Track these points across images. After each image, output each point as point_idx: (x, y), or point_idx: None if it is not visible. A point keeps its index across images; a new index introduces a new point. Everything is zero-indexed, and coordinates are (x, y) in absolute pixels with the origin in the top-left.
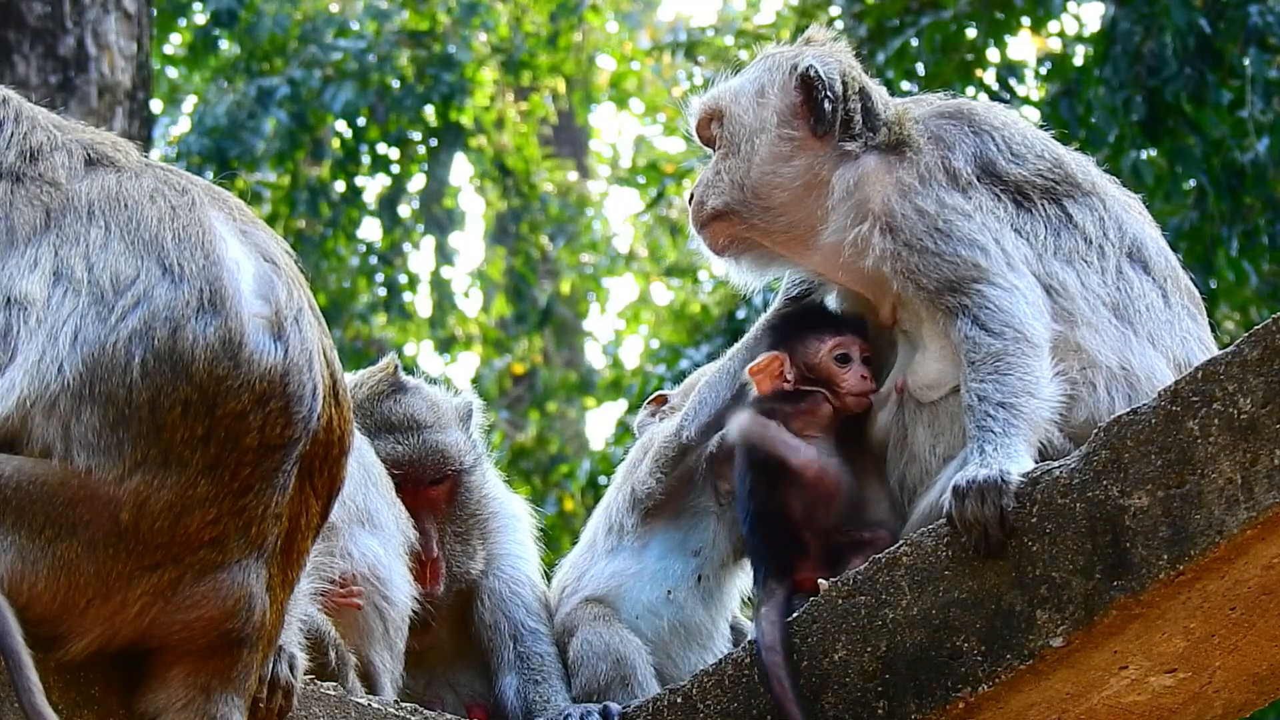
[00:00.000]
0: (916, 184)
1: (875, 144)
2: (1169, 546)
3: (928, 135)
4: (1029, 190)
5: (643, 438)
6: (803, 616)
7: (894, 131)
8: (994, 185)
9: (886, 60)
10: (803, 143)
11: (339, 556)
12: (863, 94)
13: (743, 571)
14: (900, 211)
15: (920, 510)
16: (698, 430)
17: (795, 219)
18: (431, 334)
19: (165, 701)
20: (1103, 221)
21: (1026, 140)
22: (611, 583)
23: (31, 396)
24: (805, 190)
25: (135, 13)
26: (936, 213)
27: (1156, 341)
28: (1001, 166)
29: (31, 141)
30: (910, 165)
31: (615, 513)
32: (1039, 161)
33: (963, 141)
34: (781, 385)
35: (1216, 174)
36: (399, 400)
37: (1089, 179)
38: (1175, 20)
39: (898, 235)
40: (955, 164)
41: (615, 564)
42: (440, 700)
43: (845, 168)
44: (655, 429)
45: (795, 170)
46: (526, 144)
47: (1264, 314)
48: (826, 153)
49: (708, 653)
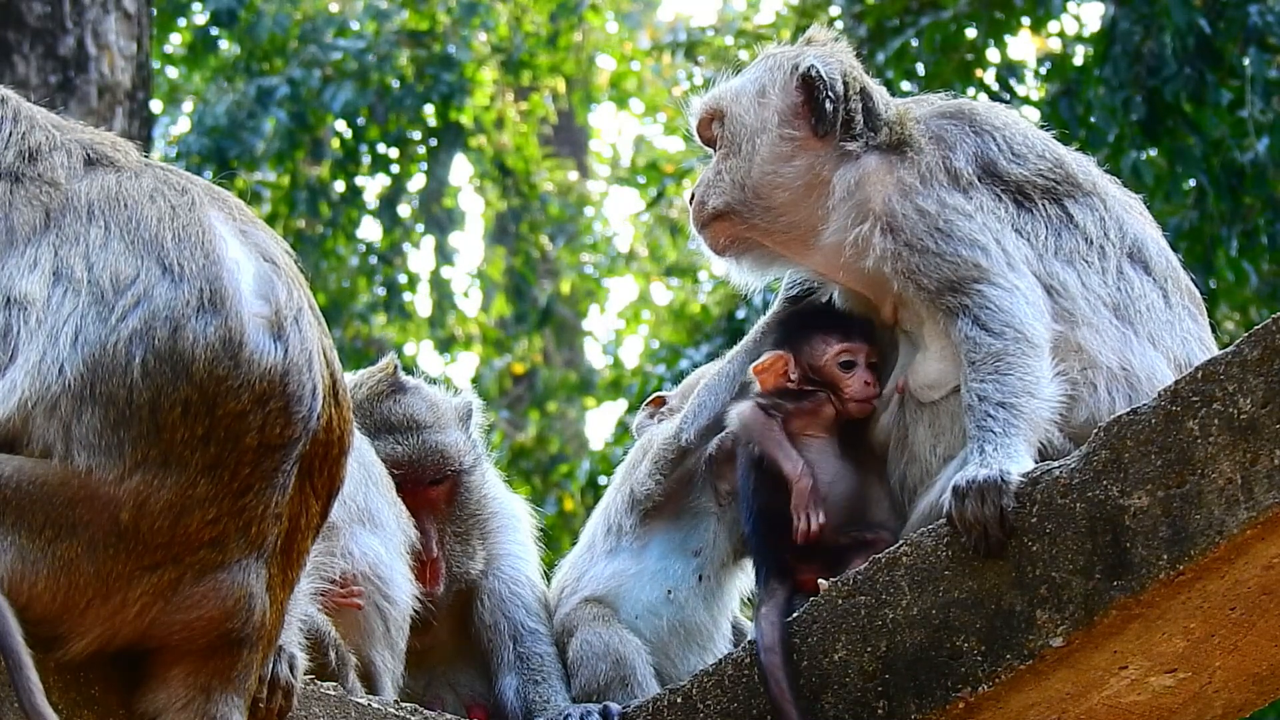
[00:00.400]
0: (918, 184)
1: (876, 144)
2: (1169, 546)
3: (929, 135)
4: (1030, 190)
5: (641, 439)
6: (803, 616)
7: (895, 132)
8: (995, 185)
9: (886, 60)
10: (804, 143)
11: (339, 556)
12: (864, 94)
13: (743, 571)
14: (901, 211)
15: (920, 510)
16: (697, 433)
17: (796, 219)
18: (431, 334)
19: (165, 701)
20: (1104, 222)
21: (1028, 140)
22: (611, 583)
23: (33, 398)
24: (806, 190)
25: (135, 13)
26: (937, 212)
27: (1157, 342)
28: (1002, 166)
29: (30, 141)
30: (911, 165)
31: (614, 514)
32: (1040, 161)
33: (964, 141)
34: (784, 385)
35: (1216, 174)
36: (399, 400)
37: (1090, 179)
38: (1175, 20)
39: (899, 235)
40: (956, 164)
41: (615, 565)
42: (440, 700)
43: (846, 168)
44: (654, 430)
45: (796, 170)
46: (526, 144)
47: (1264, 314)
48: (828, 153)
49: (707, 653)
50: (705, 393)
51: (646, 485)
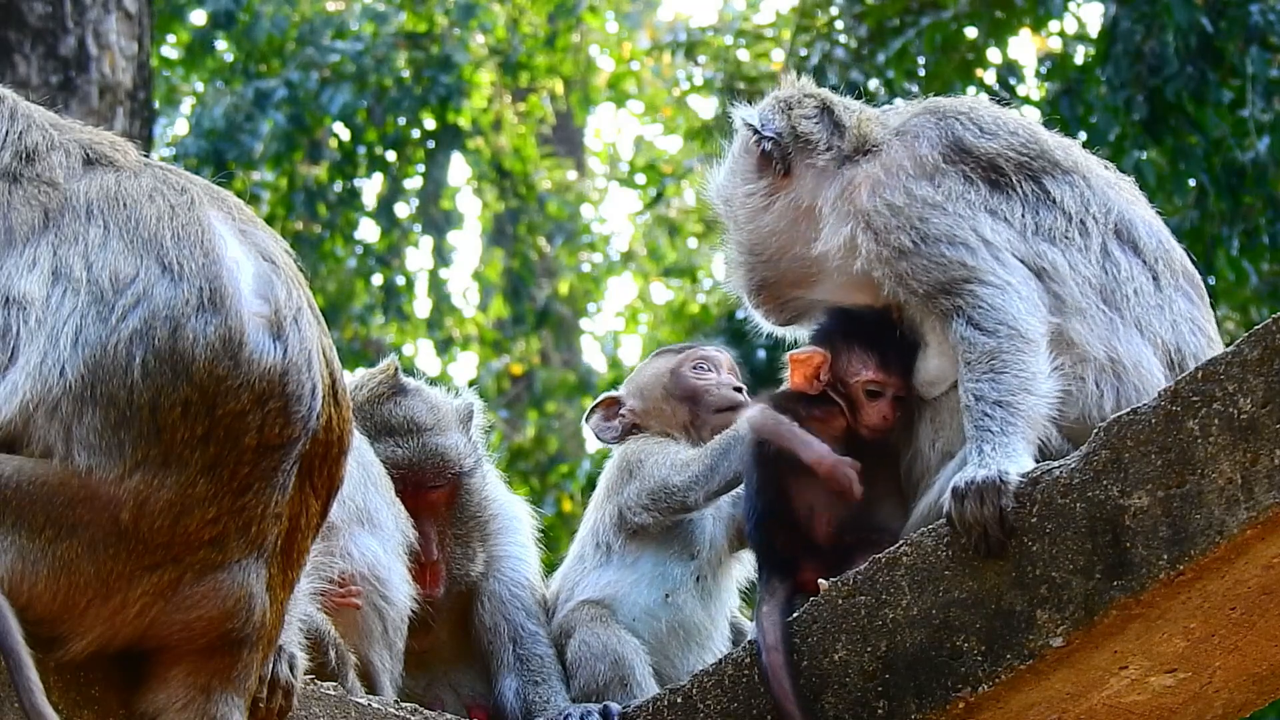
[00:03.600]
0: (882, 176)
1: (846, 153)
2: (1169, 546)
3: (897, 133)
4: (1003, 165)
5: (625, 453)
6: (803, 616)
7: (860, 134)
8: (965, 163)
9: (886, 60)
10: (774, 185)
11: (339, 556)
12: (823, 110)
13: (740, 563)
14: (873, 207)
15: (920, 510)
16: (706, 497)
17: (797, 252)
18: (429, 335)
19: (165, 701)
20: (1085, 198)
21: (997, 119)
22: (608, 590)
23: (34, 399)
24: (793, 224)
25: (136, 13)
26: (906, 205)
27: (1144, 328)
28: (970, 142)
29: (28, 141)
30: (876, 161)
31: (603, 532)
32: (1012, 137)
33: (928, 130)
34: (811, 386)
35: (1217, 173)
36: (399, 403)
37: (1070, 158)
38: (1176, 19)
39: (878, 235)
40: (920, 151)
41: (609, 574)
42: (440, 701)
43: (825, 185)
44: (654, 457)
45: (776, 213)
46: (524, 145)
47: (1264, 314)
48: (801, 182)
49: (707, 652)
50: (718, 457)
51: (641, 517)
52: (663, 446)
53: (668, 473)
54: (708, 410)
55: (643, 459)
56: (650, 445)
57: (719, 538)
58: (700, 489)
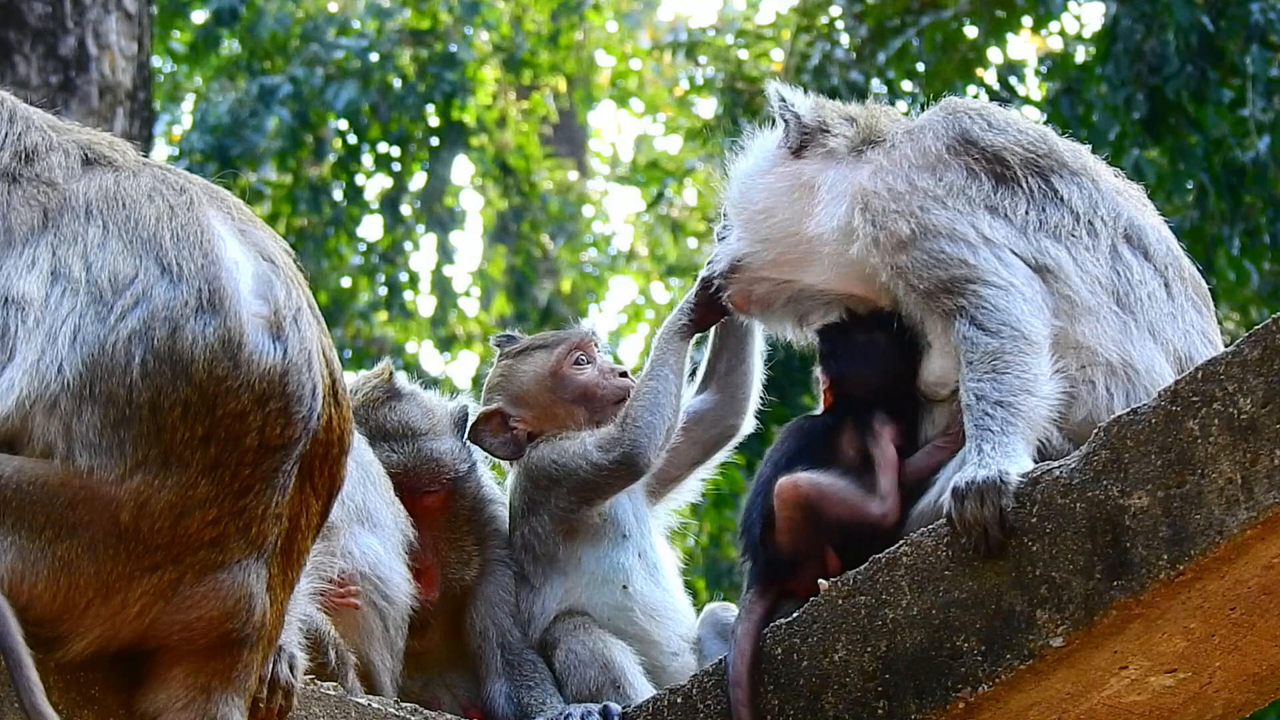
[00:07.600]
0: (886, 163)
1: (855, 144)
2: (1169, 546)
3: (908, 128)
4: (1008, 159)
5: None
6: (803, 616)
7: (871, 127)
8: (969, 155)
9: (887, 60)
10: (780, 159)
11: (339, 556)
12: (848, 119)
13: (661, 500)
14: (873, 188)
15: (920, 510)
16: (655, 453)
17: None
18: (432, 333)
19: (165, 701)
20: (1093, 200)
21: (1008, 118)
22: (569, 599)
23: (31, 396)
24: (789, 191)
25: (136, 13)
26: (906, 192)
27: (1157, 334)
28: (976, 135)
29: (26, 141)
30: (883, 150)
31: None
32: (1020, 135)
33: (935, 124)
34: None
35: (1217, 173)
36: (394, 407)
37: (1079, 161)
38: (1177, 18)
39: (875, 218)
40: (926, 143)
41: (563, 586)
42: (438, 701)
43: (828, 166)
44: (569, 452)
45: (774, 176)
46: (527, 143)
47: (1264, 314)
48: (810, 161)
49: (677, 624)
50: (650, 412)
51: (582, 510)
52: (573, 441)
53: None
54: (604, 406)
55: (557, 459)
56: (559, 444)
57: (639, 504)
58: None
